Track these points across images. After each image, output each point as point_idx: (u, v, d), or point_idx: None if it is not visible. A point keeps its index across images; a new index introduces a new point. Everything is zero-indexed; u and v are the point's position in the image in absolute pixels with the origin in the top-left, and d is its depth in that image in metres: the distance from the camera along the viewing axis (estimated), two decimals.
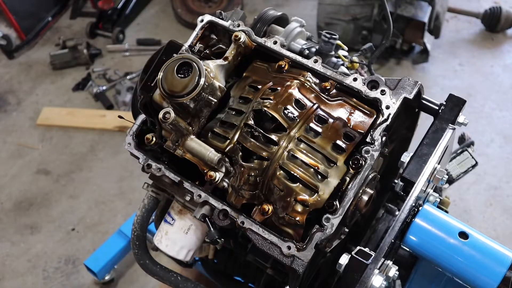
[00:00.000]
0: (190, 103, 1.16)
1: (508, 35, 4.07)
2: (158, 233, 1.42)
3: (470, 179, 3.03)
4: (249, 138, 1.19)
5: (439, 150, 1.18)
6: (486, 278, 1.09)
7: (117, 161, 3.29)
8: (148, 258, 1.53)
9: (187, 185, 1.25)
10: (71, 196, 3.11)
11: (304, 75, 1.26)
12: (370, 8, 3.56)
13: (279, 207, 1.16)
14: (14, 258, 2.82)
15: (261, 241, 1.14)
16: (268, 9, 1.44)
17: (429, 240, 1.14)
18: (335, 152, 1.17)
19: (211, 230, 1.22)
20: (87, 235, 2.90)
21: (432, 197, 1.26)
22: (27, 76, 3.95)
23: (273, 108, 1.18)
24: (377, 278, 1.01)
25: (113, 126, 3.47)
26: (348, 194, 1.12)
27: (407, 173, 1.16)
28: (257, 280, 1.54)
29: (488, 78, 3.75)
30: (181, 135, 1.22)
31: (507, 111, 3.51)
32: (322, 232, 1.10)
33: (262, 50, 1.31)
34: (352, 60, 1.53)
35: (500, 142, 3.31)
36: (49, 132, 3.50)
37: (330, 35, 1.47)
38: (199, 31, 1.33)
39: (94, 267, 2.48)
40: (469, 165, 1.98)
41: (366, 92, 1.21)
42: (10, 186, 3.18)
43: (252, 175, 1.17)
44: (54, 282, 2.71)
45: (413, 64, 3.83)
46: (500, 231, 2.87)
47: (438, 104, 1.28)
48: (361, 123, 1.20)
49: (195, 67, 1.14)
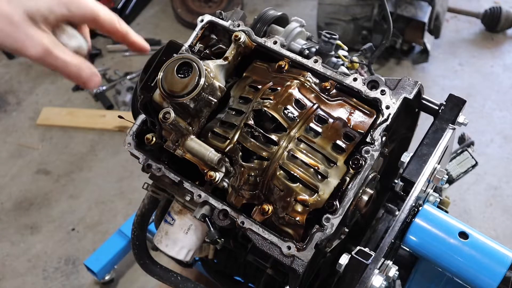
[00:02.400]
0: (190, 103, 1.16)
1: (508, 35, 4.07)
2: (158, 233, 1.42)
3: (470, 179, 3.03)
4: (249, 138, 1.19)
5: (439, 150, 1.18)
6: (486, 278, 1.09)
7: (117, 161, 3.29)
8: (148, 258, 1.54)
9: (187, 185, 1.25)
10: (71, 196, 3.11)
11: (304, 75, 1.26)
12: (370, 8, 3.56)
13: (279, 207, 1.16)
14: (14, 258, 2.82)
15: (261, 241, 1.14)
16: (268, 9, 1.44)
17: (429, 240, 1.14)
18: (335, 152, 1.17)
19: (211, 230, 1.22)
20: (87, 235, 2.90)
21: (432, 197, 1.26)
22: (27, 76, 3.95)
23: (273, 108, 1.18)
24: (377, 278, 1.01)
25: (113, 126, 3.47)
26: (348, 194, 1.12)
27: (407, 173, 1.16)
28: (257, 280, 1.53)
29: (488, 78, 3.75)
30: (181, 135, 1.22)
31: (507, 111, 3.51)
32: (322, 232, 1.10)
33: (262, 50, 1.31)
34: (352, 60, 1.53)
35: (500, 142, 3.32)
36: (49, 132, 3.50)
37: (330, 35, 1.47)
38: (199, 31, 1.33)
39: (94, 267, 2.48)
40: (469, 165, 1.98)
41: (366, 92, 1.21)
42: (10, 186, 3.18)
43: (252, 175, 1.17)
44: (54, 282, 2.71)
45: (413, 64, 3.83)
46: (500, 231, 2.87)
47: (438, 104, 1.28)
48: (361, 123, 1.20)
49: (195, 67, 1.14)
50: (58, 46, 0.85)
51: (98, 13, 0.88)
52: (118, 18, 0.93)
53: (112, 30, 0.93)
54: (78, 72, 0.88)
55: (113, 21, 0.92)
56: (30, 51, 0.82)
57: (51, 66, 0.87)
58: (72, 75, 0.88)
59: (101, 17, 0.89)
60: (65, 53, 0.86)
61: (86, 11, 0.87)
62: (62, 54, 0.85)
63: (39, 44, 0.82)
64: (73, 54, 0.88)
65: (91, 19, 0.89)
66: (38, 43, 0.82)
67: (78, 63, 0.88)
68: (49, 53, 0.84)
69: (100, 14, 0.89)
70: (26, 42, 0.81)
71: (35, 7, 0.80)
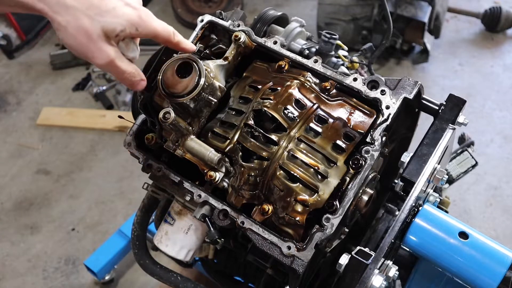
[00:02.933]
0: (190, 103, 1.16)
1: (508, 35, 4.07)
2: (158, 233, 1.42)
3: (470, 179, 3.03)
4: (249, 138, 1.19)
5: (439, 150, 1.18)
6: (486, 278, 1.09)
7: (117, 161, 3.29)
8: (148, 258, 1.53)
9: (187, 185, 1.25)
10: (71, 196, 3.11)
11: (304, 75, 1.26)
12: (370, 8, 3.56)
13: (279, 207, 1.16)
14: (14, 258, 2.82)
15: (261, 241, 1.14)
16: (268, 9, 1.44)
17: (429, 240, 1.14)
18: (335, 152, 1.17)
19: (211, 230, 1.22)
20: (87, 235, 2.90)
21: (432, 197, 1.26)
22: (27, 76, 3.95)
23: (273, 108, 1.18)
24: (377, 278, 1.01)
25: (113, 126, 3.47)
26: (348, 194, 1.12)
27: (407, 173, 1.16)
28: (257, 280, 1.53)
29: (488, 78, 3.75)
30: (181, 135, 1.22)
31: (507, 111, 3.51)
32: (322, 232, 1.10)
33: (262, 50, 1.31)
34: (352, 60, 1.53)
35: (500, 142, 3.32)
36: (49, 132, 3.50)
37: (330, 35, 1.46)
38: (199, 31, 1.34)
39: (94, 267, 2.48)
40: (469, 165, 1.98)
41: (366, 92, 1.21)
42: (10, 186, 3.18)
43: (252, 175, 1.17)
44: (54, 282, 2.71)
45: (413, 64, 3.83)
46: (500, 231, 2.87)
47: (438, 104, 1.28)
48: (361, 123, 1.20)
49: (195, 67, 1.14)
50: (120, 57, 0.99)
51: (158, 31, 1.03)
52: (173, 31, 1.08)
53: (167, 43, 1.08)
54: (131, 78, 1.03)
55: (169, 36, 1.06)
56: (98, 61, 0.96)
57: (111, 73, 1.01)
58: (126, 81, 1.04)
59: (160, 34, 1.04)
60: (124, 63, 1.00)
61: (150, 31, 1.01)
62: (121, 64, 1.00)
63: (107, 56, 0.96)
64: (129, 62, 1.02)
65: (153, 36, 1.03)
66: (106, 55, 0.96)
67: (132, 71, 1.03)
68: (112, 63, 0.98)
69: (159, 31, 1.03)
70: (96, 53, 0.95)
71: (112, 26, 0.94)
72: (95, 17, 0.92)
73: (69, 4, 0.91)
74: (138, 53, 1.07)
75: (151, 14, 1.02)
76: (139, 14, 0.98)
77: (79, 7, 0.91)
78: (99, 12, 0.93)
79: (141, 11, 0.99)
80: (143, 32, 1.00)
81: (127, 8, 0.96)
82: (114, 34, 0.95)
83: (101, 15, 0.93)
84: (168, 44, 1.10)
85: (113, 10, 0.94)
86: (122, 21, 0.95)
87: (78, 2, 0.91)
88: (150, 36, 1.02)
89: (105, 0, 0.94)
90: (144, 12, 1.00)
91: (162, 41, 1.07)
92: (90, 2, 0.92)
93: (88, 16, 0.92)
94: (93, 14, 0.92)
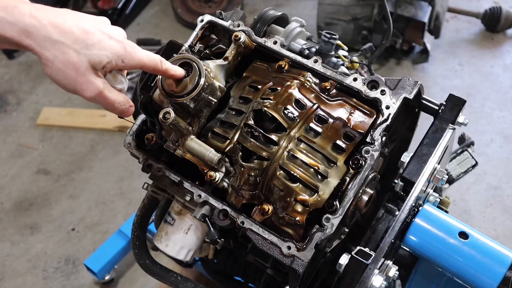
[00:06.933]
0: (190, 103, 1.16)
1: (508, 35, 4.07)
2: (158, 233, 1.42)
3: (470, 179, 3.03)
4: (249, 138, 1.19)
5: (439, 150, 1.18)
6: (486, 278, 1.09)
7: (117, 161, 3.29)
8: (148, 258, 1.53)
9: (187, 185, 1.25)
10: (71, 196, 3.11)
11: (304, 75, 1.26)
12: (370, 8, 3.56)
13: (279, 207, 1.16)
14: (14, 258, 2.82)
15: (261, 241, 1.14)
16: (268, 9, 1.44)
17: (429, 240, 1.14)
18: (335, 152, 1.17)
19: (211, 230, 1.22)
20: (87, 235, 2.90)
21: (432, 197, 1.26)
22: (27, 76, 3.95)
23: (273, 108, 1.19)
24: (377, 278, 1.01)
25: (113, 126, 3.47)
26: (348, 194, 1.12)
27: (407, 173, 1.16)
28: (257, 280, 1.54)
29: (488, 78, 3.75)
30: (181, 135, 1.22)
31: (507, 111, 3.51)
32: (322, 232, 1.10)
33: (262, 50, 1.31)
34: (352, 60, 1.53)
35: (500, 142, 3.31)
36: (49, 132, 3.50)
37: (330, 35, 1.47)
38: (199, 31, 1.34)
39: (94, 267, 2.48)
40: (469, 165, 1.98)
41: (366, 92, 1.21)
42: (10, 186, 3.18)
43: (252, 175, 1.17)
44: (54, 282, 2.71)
45: (413, 64, 3.83)
46: (500, 231, 2.87)
47: (438, 104, 1.28)
48: (361, 123, 1.20)
49: (195, 67, 1.14)
50: (108, 88, 1.01)
51: (144, 62, 1.04)
52: (160, 59, 1.08)
53: (155, 71, 1.10)
54: (120, 107, 1.05)
55: (156, 65, 1.07)
56: (87, 94, 0.98)
57: (101, 104, 1.03)
58: (116, 111, 1.06)
59: (146, 64, 1.05)
60: (113, 93, 1.02)
61: (136, 62, 1.02)
62: (111, 94, 1.02)
63: (96, 88, 0.98)
64: (118, 93, 1.04)
65: (140, 67, 1.05)
66: (95, 87, 0.98)
67: (121, 101, 1.05)
68: (102, 95, 1.00)
69: (145, 62, 1.04)
70: (85, 85, 0.97)
71: (98, 59, 0.96)
72: (81, 50, 0.94)
73: (56, 39, 0.93)
74: (126, 85, 1.08)
75: (136, 46, 1.04)
76: (124, 47, 1.00)
77: (65, 42, 0.93)
78: (85, 46, 0.95)
79: (125, 43, 1.01)
80: (129, 64, 1.01)
81: (112, 41, 0.98)
82: (100, 66, 0.97)
83: (87, 48, 0.95)
84: (157, 73, 1.12)
85: (98, 44, 0.96)
86: (108, 53, 0.97)
87: (64, 37, 0.93)
88: (137, 67, 1.04)
89: (90, 34, 0.96)
90: (128, 44, 1.02)
91: (150, 71, 1.09)
92: (75, 37, 0.94)
93: (75, 50, 0.94)
94: (79, 48, 0.94)
